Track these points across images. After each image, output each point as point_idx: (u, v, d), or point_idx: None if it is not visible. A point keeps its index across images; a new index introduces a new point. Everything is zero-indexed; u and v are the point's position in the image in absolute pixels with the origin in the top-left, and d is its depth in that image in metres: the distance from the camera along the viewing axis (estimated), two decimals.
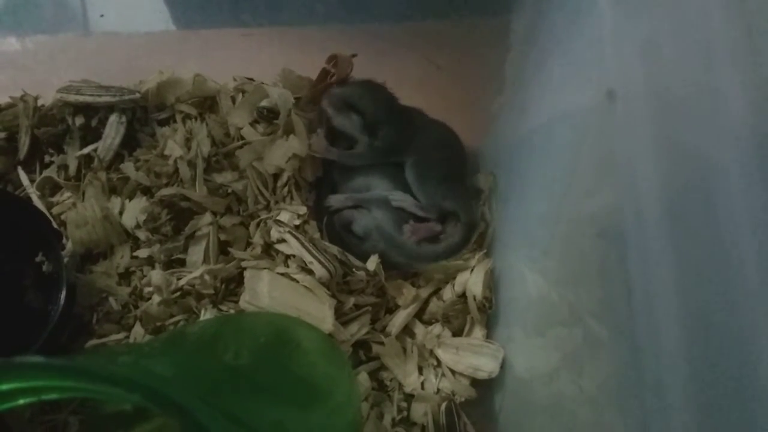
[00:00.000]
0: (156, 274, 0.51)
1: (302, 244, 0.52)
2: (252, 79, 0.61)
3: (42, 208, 0.55)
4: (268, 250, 0.54)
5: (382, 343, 0.54)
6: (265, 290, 0.50)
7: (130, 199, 0.56)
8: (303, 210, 0.55)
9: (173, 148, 0.56)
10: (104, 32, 0.67)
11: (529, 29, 0.50)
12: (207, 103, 0.59)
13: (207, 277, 0.51)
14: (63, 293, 0.48)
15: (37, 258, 0.49)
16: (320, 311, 0.50)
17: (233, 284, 0.54)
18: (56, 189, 0.58)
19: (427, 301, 0.58)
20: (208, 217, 0.55)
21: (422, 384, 0.54)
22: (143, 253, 0.54)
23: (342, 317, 0.53)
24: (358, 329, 0.53)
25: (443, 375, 0.55)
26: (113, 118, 0.57)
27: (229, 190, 0.56)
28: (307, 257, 0.51)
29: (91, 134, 0.58)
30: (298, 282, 0.51)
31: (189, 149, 0.56)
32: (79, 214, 0.54)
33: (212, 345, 0.44)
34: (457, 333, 0.56)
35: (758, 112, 0.24)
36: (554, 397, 0.43)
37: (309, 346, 0.47)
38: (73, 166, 0.57)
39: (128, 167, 0.56)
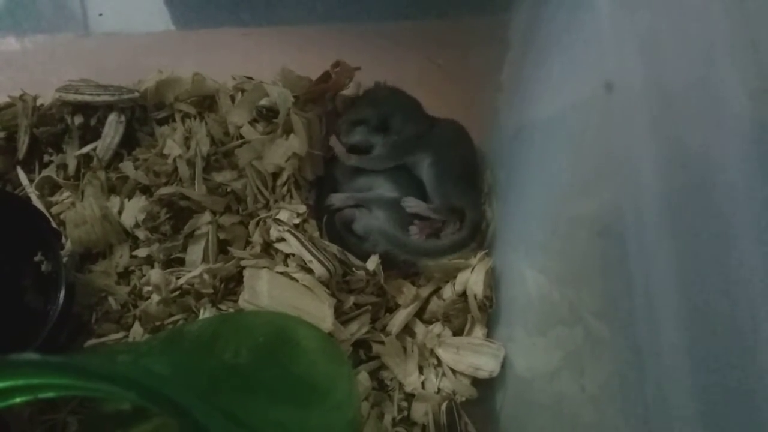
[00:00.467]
0: (155, 274, 0.51)
1: (302, 243, 0.52)
2: (251, 78, 0.61)
3: (41, 207, 0.55)
4: (268, 249, 0.54)
5: (382, 343, 0.54)
6: (265, 289, 0.50)
7: (129, 198, 0.56)
8: (302, 209, 0.55)
9: (172, 147, 0.56)
10: (103, 32, 0.67)
11: (528, 27, 0.50)
12: (206, 102, 0.60)
13: (206, 276, 0.51)
14: (62, 293, 0.48)
15: (36, 257, 0.49)
16: (320, 310, 0.50)
17: (232, 283, 0.54)
18: (55, 188, 0.58)
19: (427, 300, 0.57)
20: (207, 216, 0.55)
21: (423, 383, 0.54)
22: (142, 252, 0.54)
23: (342, 316, 0.52)
24: (358, 328, 0.53)
25: (444, 374, 0.54)
26: (112, 118, 0.57)
27: (229, 189, 0.56)
28: (307, 256, 0.51)
29: (90, 133, 0.57)
30: (297, 281, 0.51)
31: (188, 148, 0.56)
32: (78, 213, 0.54)
33: (211, 344, 0.43)
34: (457, 332, 0.56)
35: (758, 107, 0.24)
36: (555, 397, 0.42)
37: (308, 345, 0.47)
38: (72, 165, 0.57)
39: (127, 166, 0.56)
